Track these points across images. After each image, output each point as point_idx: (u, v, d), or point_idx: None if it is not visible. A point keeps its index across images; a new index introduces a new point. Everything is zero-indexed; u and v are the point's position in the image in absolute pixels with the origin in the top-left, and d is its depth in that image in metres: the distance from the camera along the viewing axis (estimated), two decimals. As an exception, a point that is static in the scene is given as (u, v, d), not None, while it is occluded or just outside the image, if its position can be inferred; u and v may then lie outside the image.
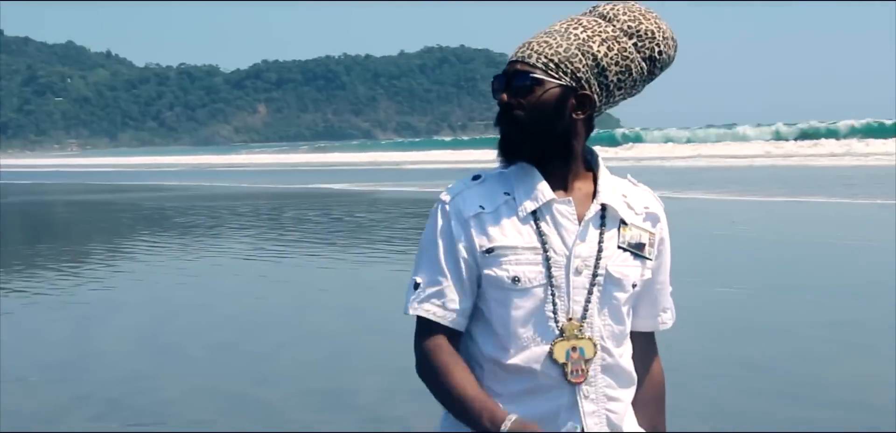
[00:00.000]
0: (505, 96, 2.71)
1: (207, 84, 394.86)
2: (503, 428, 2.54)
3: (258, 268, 17.19)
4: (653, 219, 2.80)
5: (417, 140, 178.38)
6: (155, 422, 7.80)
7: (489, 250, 2.66)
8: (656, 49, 2.75)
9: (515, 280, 2.65)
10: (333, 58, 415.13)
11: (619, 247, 2.73)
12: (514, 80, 2.71)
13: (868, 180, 35.18)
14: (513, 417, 2.55)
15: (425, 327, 2.71)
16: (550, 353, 2.66)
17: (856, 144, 67.88)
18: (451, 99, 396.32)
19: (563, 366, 2.66)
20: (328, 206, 32.30)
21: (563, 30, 2.73)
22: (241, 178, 60.19)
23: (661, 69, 2.79)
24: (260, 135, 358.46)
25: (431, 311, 2.70)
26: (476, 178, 2.76)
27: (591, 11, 2.78)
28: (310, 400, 8.30)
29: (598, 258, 2.70)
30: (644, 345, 2.89)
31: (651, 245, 2.79)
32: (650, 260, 2.78)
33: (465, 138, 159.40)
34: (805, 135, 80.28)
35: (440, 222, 2.72)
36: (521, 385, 2.67)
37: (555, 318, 2.67)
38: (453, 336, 2.72)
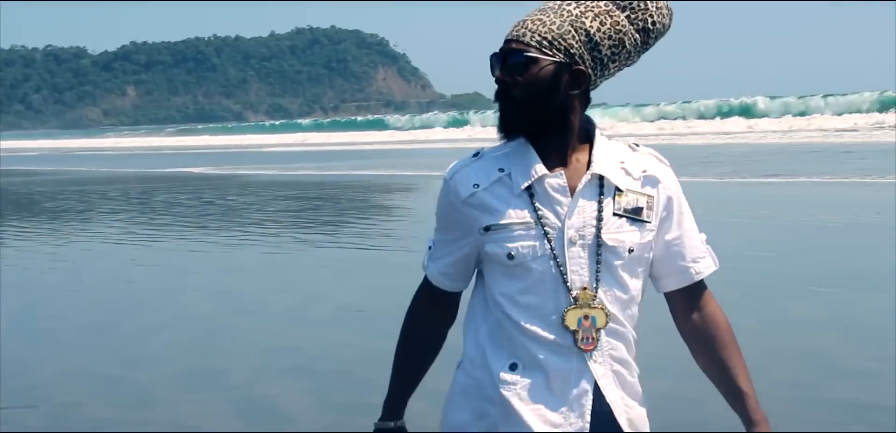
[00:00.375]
0: (500, 74, 2.79)
1: (75, 66, 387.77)
2: (379, 422, 3.03)
3: (129, 253, 17.11)
4: (651, 182, 2.83)
5: (277, 122, 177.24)
6: (25, 403, 7.87)
7: (487, 228, 2.77)
8: (649, 19, 2.80)
9: (510, 256, 2.74)
10: (203, 39, 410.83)
11: (615, 214, 2.77)
12: (509, 58, 2.77)
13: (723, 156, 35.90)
14: (399, 423, 3.03)
15: (427, 284, 2.98)
16: (563, 320, 2.74)
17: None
18: (322, 80, 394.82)
19: (575, 333, 2.74)
20: (199, 190, 32.10)
21: (556, 7, 2.78)
22: (111, 162, 59.34)
23: (657, 38, 2.84)
24: (129, 118, 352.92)
25: (432, 275, 2.95)
26: (476, 154, 2.87)
27: None
28: (180, 380, 8.39)
29: (598, 227, 2.75)
30: (684, 301, 2.92)
31: (650, 208, 2.81)
32: (649, 223, 2.81)
33: (326, 121, 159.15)
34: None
35: (444, 199, 2.89)
36: (535, 345, 2.75)
37: (566, 288, 2.74)
38: (449, 297, 2.98)
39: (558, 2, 2.79)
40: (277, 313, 10.92)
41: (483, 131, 75.98)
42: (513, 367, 2.77)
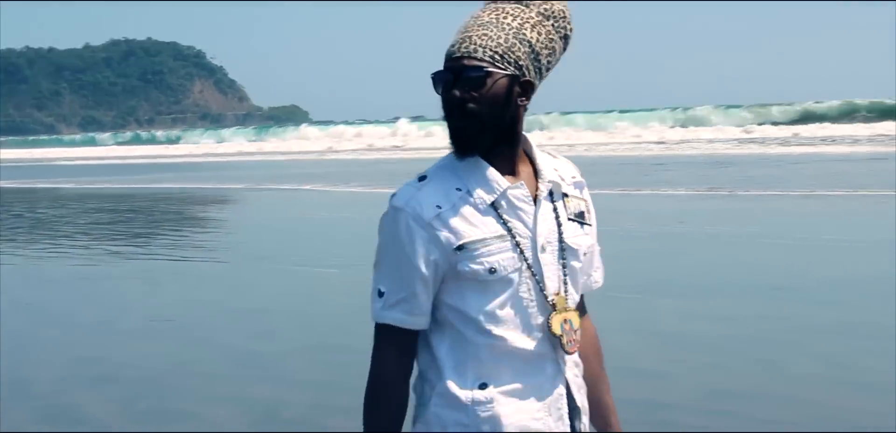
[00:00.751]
0: (457, 92, 2.73)
1: None
2: None
3: (-68, 266, 16.69)
4: (580, 186, 2.89)
5: (89, 135, 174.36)
6: None
7: (460, 247, 2.69)
8: (568, 27, 2.84)
9: (492, 270, 2.70)
10: (15, 50, 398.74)
11: (569, 220, 2.82)
12: (463, 74, 2.72)
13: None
14: None
15: (389, 335, 2.74)
16: (548, 327, 2.75)
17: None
18: (137, 93, 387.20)
19: (560, 337, 2.76)
20: (8, 203, 31.35)
21: (495, 20, 2.77)
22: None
23: (567, 47, 2.88)
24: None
25: (399, 319, 2.72)
26: (422, 178, 2.76)
27: None
28: (-16, 390, 8.33)
29: (560, 233, 2.79)
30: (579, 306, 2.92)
31: (588, 211, 2.88)
32: (590, 225, 2.88)
33: (144, 134, 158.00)
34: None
35: (398, 228, 2.70)
36: (511, 358, 2.74)
37: (544, 295, 2.75)
38: (415, 339, 2.77)
39: (492, 14, 2.79)
40: (86, 324, 10.89)
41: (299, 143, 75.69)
42: (483, 386, 2.73)
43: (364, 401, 2.77)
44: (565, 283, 2.79)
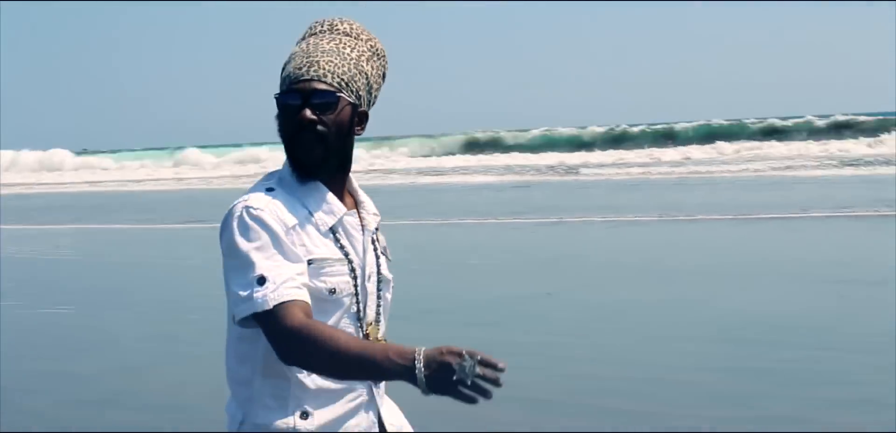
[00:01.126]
0: (309, 113, 2.72)
1: None
2: (418, 358, 2.46)
3: None
4: (379, 222, 2.95)
5: None
6: None
7: (310, 261, 2.69)
8: (386, 65, 2.93)
9: (332, 291, 2.72)
10: None
11: (383, 253, 2.91)
12: (314, 96, 2.72)
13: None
14: (420, 349, 2.48)
15: (284, 312, 2.58)
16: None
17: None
18: None
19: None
20: None
21: (336, 49, 2.79)
22: None
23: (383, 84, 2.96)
24: None
25: (292, 294, 2.59)
26: (269, 190, 2.75)
27: (331, 28, 2.85)
28: None
29: (378, 264, 2.86)
30: None
31: (386, 245, 2.97)
32: (390, 261, 2.96)
33: None
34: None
35: (264, 221, 2.65)
36: (331, 389, 2.75)
37: (360, 324, 2.79)
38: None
39: (331, 42, 2.81)
40: None
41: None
42: (305, 415, 2.73)
43: (333, 368, 2.58)
44: (378, 314, 2.85)
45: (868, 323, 10.24)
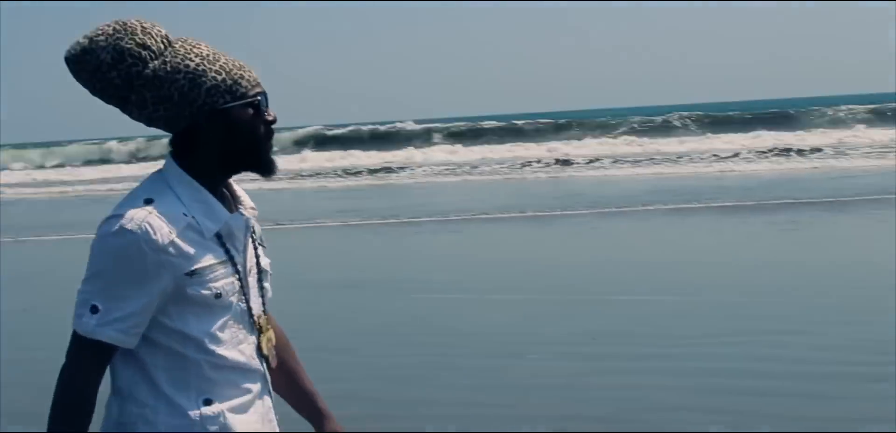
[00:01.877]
0: (275, 116, 2.94)
1: None
2: None
3: None
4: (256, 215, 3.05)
5: None
6: None
7: (191, 273, 2.77)
8: None
9: (218, 296, 2.81)
10: None
11: (260, 244, 3.02)
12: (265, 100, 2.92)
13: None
14: None
15: (97, 351, 2.75)
16: (258, 348, 2.93)
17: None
18: None
19: (267, 357, 2.96)
20: None
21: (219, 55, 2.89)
22: None
23: None
24: None
25: (115, 337, 2.74)
26: (148, 201, 2.78)
27: (169, 40, 2.90)
28: None
29: (257, 256, 2.98)
30: None
31: (261, 234, 3.07)
32: (266, 247, 3.06)
33: None
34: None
35: (129, 250, 2.72)
36: (234, 375, 2.87)
37: (251, 318, 2.91)
38: (113, 354, 2.78)
39: (214, 51, 2.89)
40: None
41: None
42: (208, 402, 2.83)
43: (53, 412, 2.75)
44: (264, 304, 2.98)
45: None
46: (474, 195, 29.05)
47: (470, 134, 54.33)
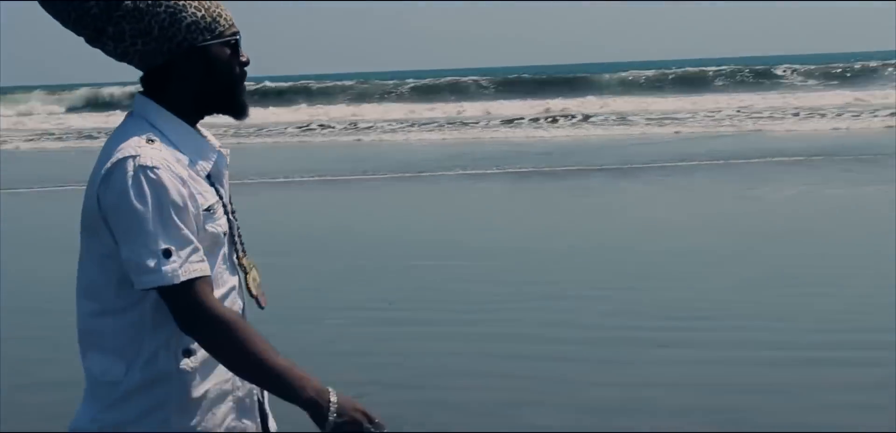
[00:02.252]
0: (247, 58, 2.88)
1: None
2: (332, 402, 2.61)
3: None
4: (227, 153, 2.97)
5: None
6: None
7: (207, 208, 2.73)
8: None
9: (225, 234, 2.78)
10: None
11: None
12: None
13: None
14: (335, 393, 2.62)
15: (199, 289, 2.63)
16: (247, 288, 2.88)
17: None
18: None
19: (257, 297, 2.90)
20: None
21: None
22: None
23: None
24: None
25: (200, 269, 2.63)
26: (150, 141, 2.69)
27: None
28: None
29: (230, 197, 2.88)
30: None
31: None
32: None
33: None
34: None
35: (163, 184, 2.62)
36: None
37: (239, 258, 2.85)
38: None
39: None
40: None
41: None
42: (188, 353, 2.73)
43: (235, 354, 2.64)
44: (243, 244, 2.90)
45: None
46: (267, 158, 28.75)
47: (258, 94, 52.54)
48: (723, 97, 44.42)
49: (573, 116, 40.55)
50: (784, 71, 53.42)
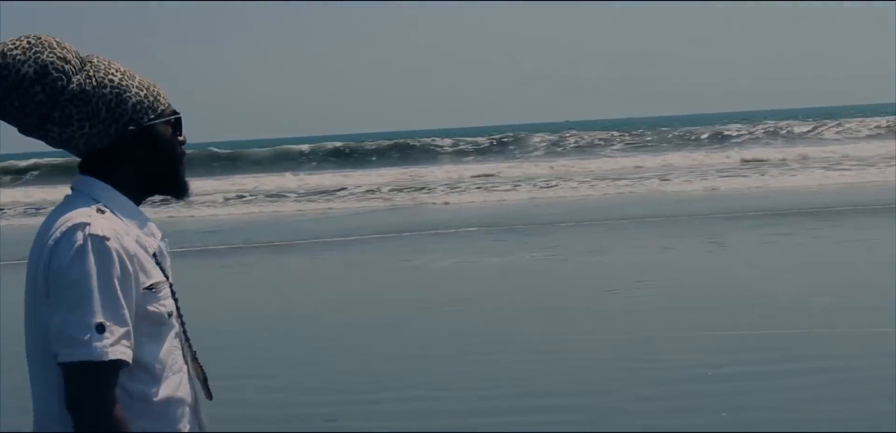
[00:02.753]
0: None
1: None
2: None
3: None
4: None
5: None
6: None
7: (150, 287, 2.65)
8: None
9: (170, 314, 2.71)
10: None
11: None
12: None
13: None
14: None
15: (111, 375, 2.54)
16: (197, 372, 2.84)
17: None
18: None
19: (205, 380, 2.85)
20: None
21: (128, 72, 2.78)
22: None
23: None
24: None
25: (126, 355, 2.55)
26: (101, 211, 2.64)
27: (83, 59, 2.76)
28: None
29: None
30: None
31: None
32: None
33: None
34: None
35: (111, 258, 2.56)
36: (172, 408, 2.71)
37: (187, 342, 2.80)
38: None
39: (124, 68, 2.79)
40: None
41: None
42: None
43: None
44: (184, 326, 2.84)
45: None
46: None
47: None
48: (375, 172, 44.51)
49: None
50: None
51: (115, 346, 2.53)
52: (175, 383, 2.72)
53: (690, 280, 14.76)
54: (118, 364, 2.54)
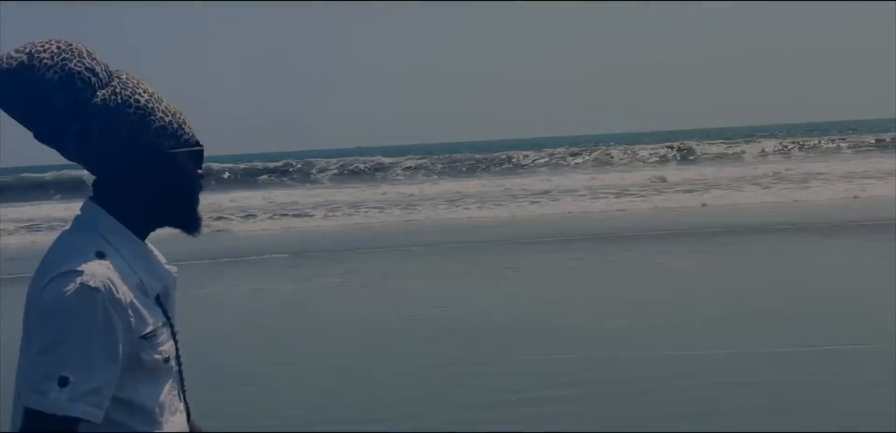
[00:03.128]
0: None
1: None
2: None
3: None
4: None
5: None
6: None
7: (146, 336, 2.54)
8: None
9: (166, 360, 2.60)
10: None
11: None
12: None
13: None
14: None
15: (66, 427, 2.40)
16: (190, 413, 2.77)
17: None
18: None
19: (188, 414, 2.75)
20: None
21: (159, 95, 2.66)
22: None
23: None
24: None
25: (88, 412, 2.41)
26: (100, 255, 2.50)
27: (112, 73, 2.64)
28: None
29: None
30: None
31: None
32: None
33: None
34: None
35: (96, 311, 2.43)
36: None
37: (182, 385, 2.70)
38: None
39: (153, 90, 2.67)
40: None
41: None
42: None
43: None
44: (181, 370, 2.75)
45: None
46: None
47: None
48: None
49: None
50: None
51: (75, 403, 2.41)
52: (175, 424, 2.66)
53: (489, 305, 14.83)
54: (74, 420, 2.42)
